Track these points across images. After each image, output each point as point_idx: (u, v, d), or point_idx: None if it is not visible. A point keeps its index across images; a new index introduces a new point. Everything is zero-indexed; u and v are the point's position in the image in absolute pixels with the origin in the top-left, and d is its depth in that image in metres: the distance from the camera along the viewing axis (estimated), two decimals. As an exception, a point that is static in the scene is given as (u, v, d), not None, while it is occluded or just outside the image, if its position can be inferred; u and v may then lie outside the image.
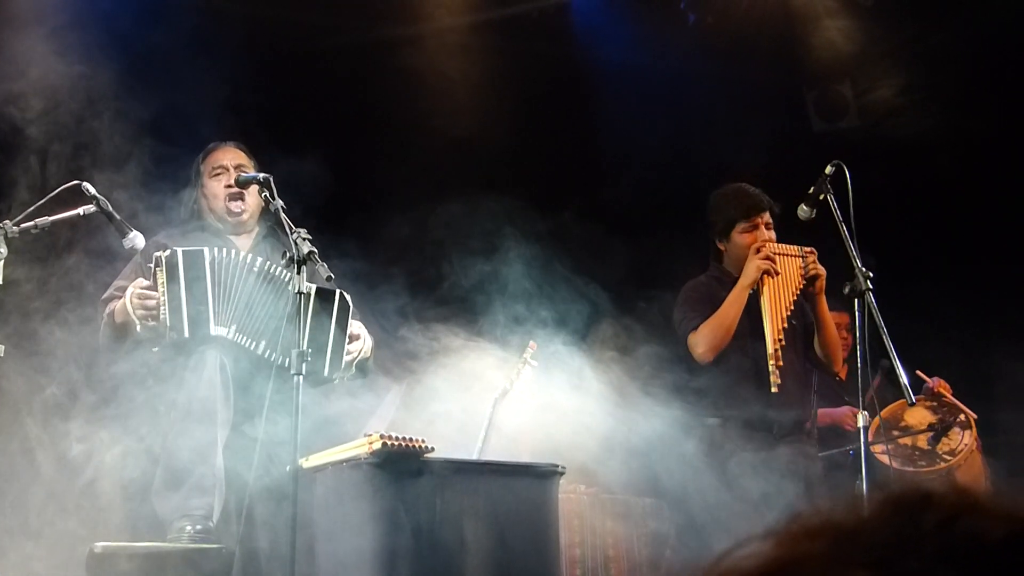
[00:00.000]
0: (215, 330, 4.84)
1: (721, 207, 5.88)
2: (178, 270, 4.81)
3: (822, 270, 5.62)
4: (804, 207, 5.22)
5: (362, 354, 5.16)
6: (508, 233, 6.02)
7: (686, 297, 5.85)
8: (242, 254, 5.03)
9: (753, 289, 5.63)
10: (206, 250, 4.91)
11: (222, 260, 4.94)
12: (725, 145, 7.77)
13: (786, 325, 5.60)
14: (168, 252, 4.83)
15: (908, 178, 7.95)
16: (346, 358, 5.06)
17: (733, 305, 5.64)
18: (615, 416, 5.50)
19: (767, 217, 5.80)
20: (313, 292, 4.89)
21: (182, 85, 5.92)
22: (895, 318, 5.01)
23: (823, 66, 8.03)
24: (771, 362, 5.51)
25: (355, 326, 5.16)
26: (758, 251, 5.65)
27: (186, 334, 4.79)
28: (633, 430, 5.53)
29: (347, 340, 5.05)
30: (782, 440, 5.60)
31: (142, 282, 4.85)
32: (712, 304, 5.70)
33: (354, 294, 5.34)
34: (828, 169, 5.15)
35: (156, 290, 4.80)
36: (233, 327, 4.89)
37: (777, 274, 5.64)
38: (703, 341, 5.62)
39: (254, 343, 4.90)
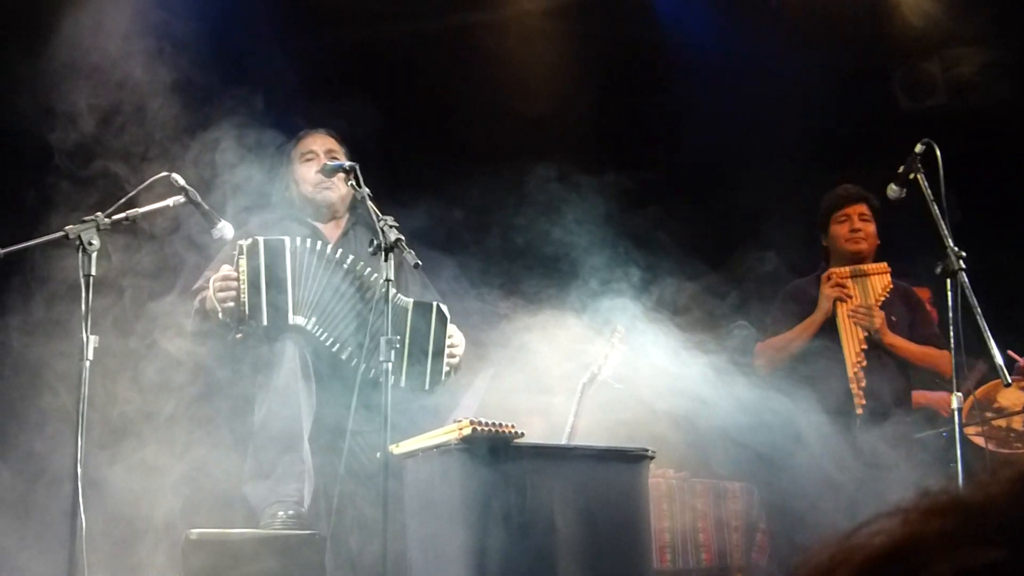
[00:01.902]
0: (293, 319, 4.86)
1: (823, 203, 6.02)
2: (259, 258, 4.84)
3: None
4: (894, 187, 5.15)
5: (459, 359, 5.20)
6: (588, 215, 5.99)
7: (780, 298, 5.97)
8: (328, 247, 5.05)
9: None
10: (287, 239, 4.94)
11: (305, 250, 4.95)
12: (811, 129, 7.67)
13: (865, 346, 5.73)
14: (250, 240, 4.87)
15: (998, 154, 7.80)
16: (447, 367, 5.09)
17: (802, 334, 5.85)
18: (704, 399, 5.46)
19: (862, 208, 5.88)
20: (411, 307, 4.92)
21: (266, 75, 5.94)
22: (987, 297, 4.93)
23: (909, 44, 7.90)
24: (852, 385, 5.56)
25: (454, 334, 5.18)
26: (828, 279, 5.83)
27: (264, 321, 4.82)
28: (722, 413, 5.49)
29: (446, 351, 5.07)
30: (874, 424, 5.56)
31: (226, 268, 4.90)
32: (802, 305, 5.88)
33: (435, 278, 5.36)
34: (918, 148, 5.07)
35: (238, 278, 4.84)
36: (313, 318, 4.90)
37: (849, 297, 5.79)
38: (763, 356, 5.81)
39: (334, 341, 4.91)
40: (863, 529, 0.95)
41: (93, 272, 4.24)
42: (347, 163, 5.00)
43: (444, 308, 5.08)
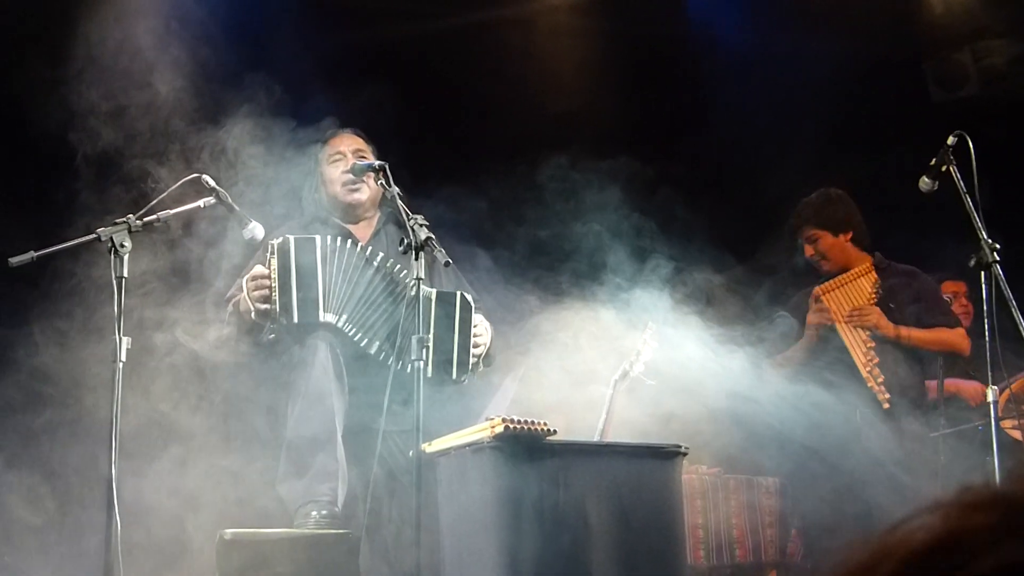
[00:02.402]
0: (324, 316, 4.87)
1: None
2: (290, 256, 4.86)
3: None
4: (926, 179, 5.12)
5: (484, 348, 5.17)
6: (615, 208, 5.99)
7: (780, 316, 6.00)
8: (358, 245, 5.06)
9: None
10: (318, 238, 4.95)
11: (335, 249, 4.97)
12: (841, 121, 7.64)
13: (872, 343, 5.78)
14: (280, 239, 4.89)
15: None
16: (472, 357, 5.07)
17: (798, 352, 5.95)
18: (737, 393, 5.45)
19: (809, 232, 6.08)
20: (434, 296, 4.91)
21: (293, 75, 5.95)
22: (1022, 289, 4.90)
23: (940, 35, 7.85)
24: (870, 384, 5.65)
25: (479, 323, 5.17)
26: (816, 300, 5.94)
27: (295, 319, 4.83)
28: (756, 407, 5.48)
29: (471, 340, 5.06)
30: (902, 416, 5.56)
31: (259, 268, 4.91)
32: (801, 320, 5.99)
33: (466, 271, 5.36)
34: (950, 140, 5.04)
35: (269, 276, 4.85)
36: (344, 316, 4.91)
37: (831, 321, 5.88)
38: (776, 371, 5.76)
39: (364, 337, 4.92)
40: (904, 525, 0.95)
41: (125, 274, 4.25)
42: (376, 162, 5.01)
43: (468, 297, 5.06)
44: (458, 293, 5.02)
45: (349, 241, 5.05)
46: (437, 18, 7.58)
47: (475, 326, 5.11)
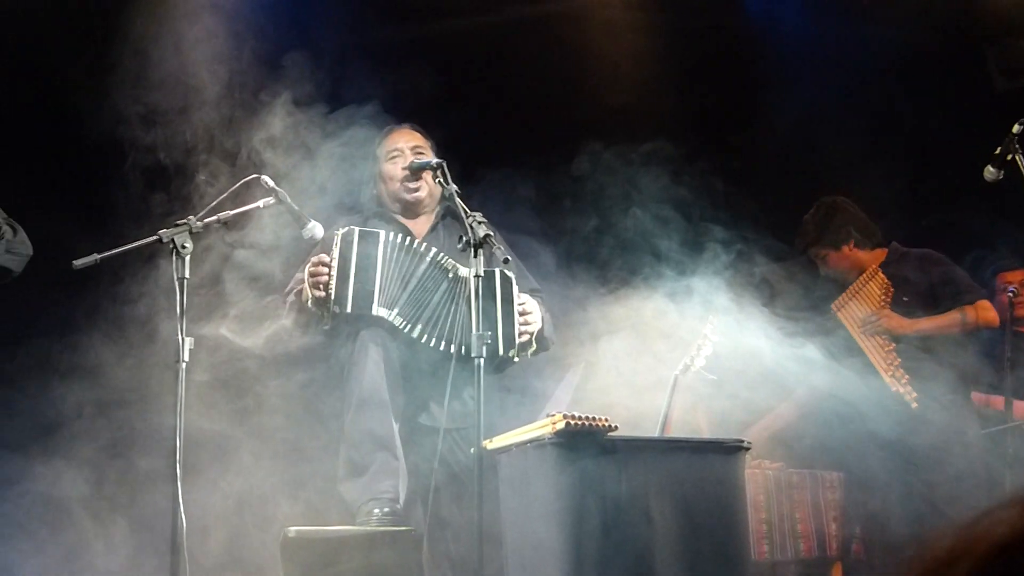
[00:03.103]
0: (377, 310, 4.89)
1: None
2: (352, 247, 4.90)
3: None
4: (991, 169, 5.07)
5: (536, 327, 5.13)
6: (675, 201, 5.97)
7: None
8: (415, 242, 5.07)
9: None
10: (382, 233, 4.99)
11: (396, 244, 4.99)
12: (902, 111, 7.57)
13: (892, 346, 5.84)
14: (346, 229, 4.94)
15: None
16: (520, 334, 5.04)
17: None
18: (800, 388, 5.42)
19: (814, 252, 6.21)
20: (472, 275, 4.90)
21: (347, 71, 5.96)
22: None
23: (1003, 22, 7.75)
24: (895, 388, 5.70)
25: (526, 301, 5.15)
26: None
27: (348, 308, 4.86)
28: (818, 402, 5.45)
29: (516, 315, 5.04)
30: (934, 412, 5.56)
31: (322, 256, 4.95)
32: None
33: (528, 265, 5.36)
34: (1016, 128, 4.99)
35: (330, 264, 4.89)
36: (395, 310, 4.93)
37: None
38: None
39: (422, 334, 4.92)
40: (983, 520, 0.93)
41: (187, 275, 4.28)
42: (434, 160, 5.04)
43: (509, 273, 5.03)
44: (496, 271, 5.00)
45: (408, 238, 5.08)
46: (492, 12, 7.58)
47: (522, 303, 5.09)
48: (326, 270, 4.90)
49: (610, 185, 6.15)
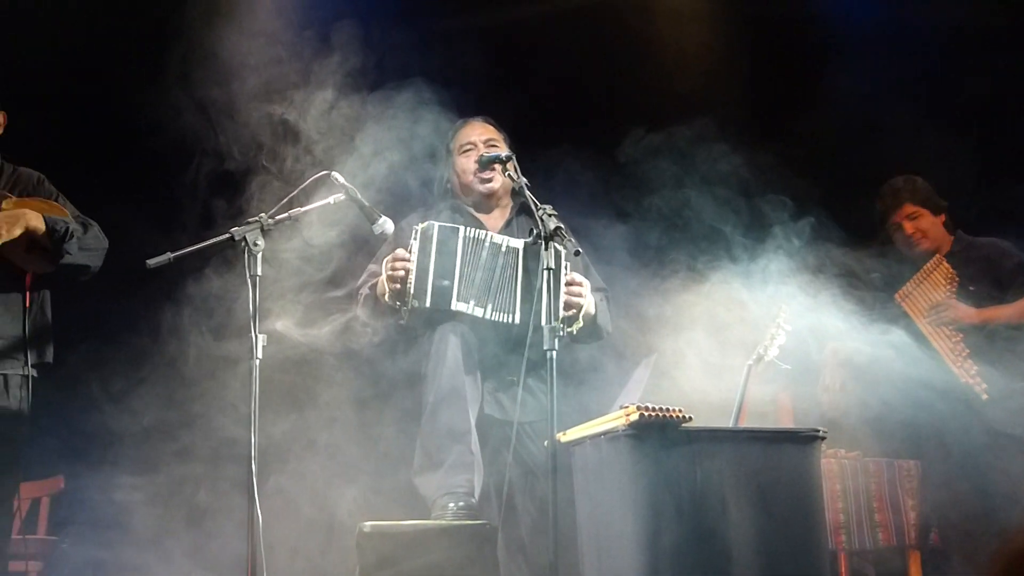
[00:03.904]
0: (456, 305, 4.92)
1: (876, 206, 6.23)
2: (431, 242, 4.93)
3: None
4: None
5: (584, 301, 5.09)
6: (745, 189, 5.96)
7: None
8: (492, 236, 5.08)
9: None
10: (461, 228, 5.00)
11: (474, 239, 5.01)
12: (970, 97, 7.48)
13: (959, 336, 5.80)
14: (426, 224, 4.96)
15: None
16: (565, 306, 5.00)
17: None
18: (875, 376, 5.38)
19: (908, 209, 6.11)
20: (522, 248, 4.91)
21: (416, 63, 5.97)
22: None
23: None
24: (964, 380, 5.67)
25: (576, 278, 5.11)
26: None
27: (427, 303, 4.89)
28: (893, 389, 5.41)
29: (562, 288, 5.00)
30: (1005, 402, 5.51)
31: (400, 251, 4.98)
32: None
33: (591, 252, 5.35)
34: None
35: (408, 259, 4.91)
36: (472, 302, 4.95)
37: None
38: None
39: (483, 311, 4.93)
40: None
41: (259, 272, 4.32)
42: (503, 153, 5.04)
43: (559, 247, 5.00)
44: (542, 244, 4.95)
45: (485, 231, 5.09)
46: (555, 2, 7.60)
47: (571, 283, 5.05)
48: (405, 265, 4.92)
49: (673, 172, 6.13)
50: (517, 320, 4.88)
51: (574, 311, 5.05)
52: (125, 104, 6.20)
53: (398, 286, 4.93)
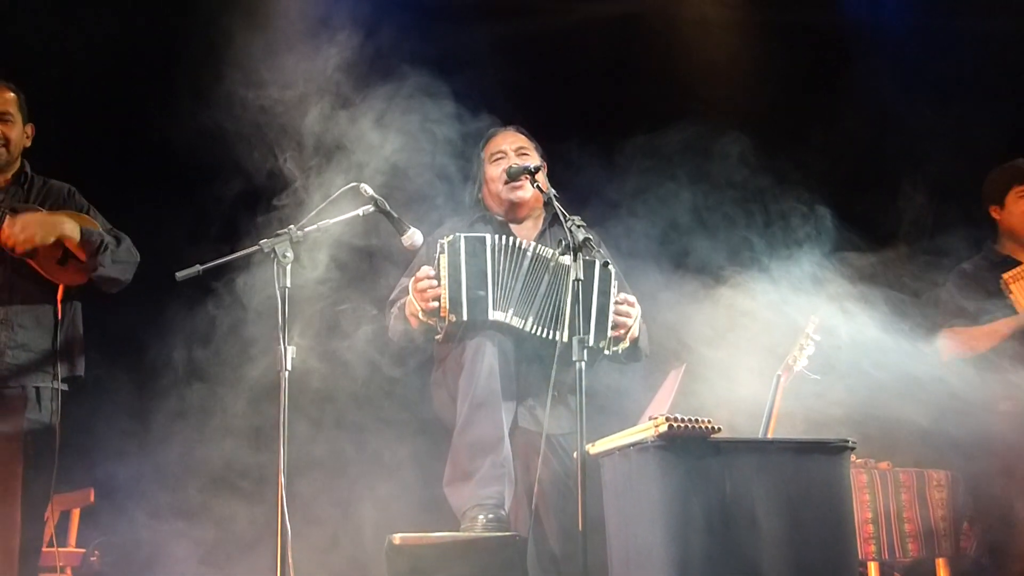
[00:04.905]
0: (493, 314, 4.90)
1: (995, 177, 5.91)
2: (460, 255, 4.90)
3: None
4: None
5: (632, 324, 5.08)
6: (776, 194, 5.94)
7: (953, 284, 5.81)
8: (522, 241, 5.05)
9: None
10: (488, 236, 4.98)
11: (503, 247, 4.99)
12: (1007, 106, 7.45)
13: None
14: (452, 237, 4.94)
15: None
16: (614, 326, 5.01)
17: (993, 336, 5.73)
18: (902, 384, 5.36)
19: (1018, 190, 5.73)
20: (571, 262, 4.88)
21: (442, 69, 5.98)
22: None
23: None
24: None
25: (625, 298, 5.11)
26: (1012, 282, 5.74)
27: (464, 317, 4.87)
28: (925, 397, 5.38)
29: (612, 307, 5.00)
30: None
31: (425, 269, 4.97)
32: (976, 296, 5.78)
33: (620, 259, 5.35)
34: None
35: (439, 275, 4.90)
36: (510, 311, 4.93)
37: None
38: (950, 348, 5.65)
39: (524, 323, 4.93)
40: None
41: (289, 284, 4.34)
42: (532, 164, 5.05)
43: (610, 265, 4.98)
44: (597, 262, 4.94)
45: (516, 239, 5.07)
46: (582, 9, 7.61)
47: (619, 301, 5.05)
48: (434, 283, 4.92)
49: (703, 178, 6.13)
50: (565, 337, 4.73)
51: (622, 331, 5.06)
52: (153, 115, 6.22)
53: (431, 304, 4.91)
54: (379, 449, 5.35)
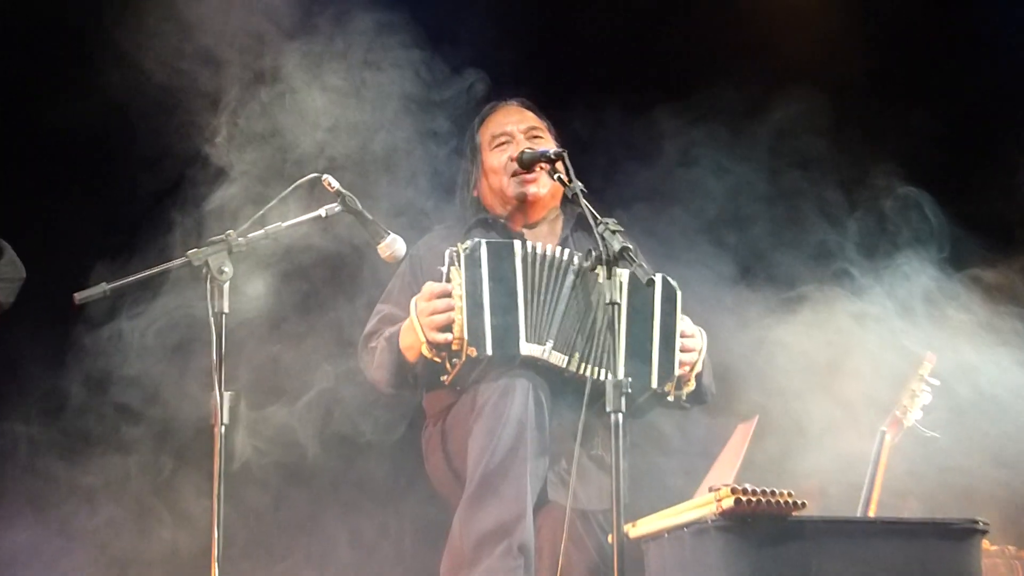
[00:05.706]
0: (525, 348, 4.74)
1: None
2: (481, 269, 4.74)
3: None
4: None
5: (698, 359, 4.97)
6: (873, 198, 5.91)
7: None
8: (563, 250, 4.90)
9: None
10: (518, 243, 4.82)
11: (538, 257, 4.84)
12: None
13: None
14: (469, 244, 4.78)
15: None
16: (680, 362, 4.89)
17: None
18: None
19: None
20: (626, 279, 4.74)
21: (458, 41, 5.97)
22: None
23: None
24: None
25: (688, 323, 5.00)
26: None
27: (488, 351, 4.69)
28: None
29: (677, 339, 4.89)
30: None
31: (433, 286, 4.81)
32: None
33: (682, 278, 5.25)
34: None
35: (450, 295, 4.75)
36: (549, 343, 4.78)
37: None
38: None
39: (569, 359, 4.78)
40: None
41: (226, 309, 4.18)
42: (551, 150, 4.88)
43: (671, 280, 4.88)
44: (659, 276, 4.84)
45: (548, 246, 4.91)
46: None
47: (682, 321, 4.93)
48: (449, 304, 4.74)
49: (771, 162, 6.11)
50: (620, 375, 4.41)
51: (687, 369, 4.94)
52: (47, 107, 6.17)
53: (443, 336, 4.73)
54: (338, 534, 5.30)
